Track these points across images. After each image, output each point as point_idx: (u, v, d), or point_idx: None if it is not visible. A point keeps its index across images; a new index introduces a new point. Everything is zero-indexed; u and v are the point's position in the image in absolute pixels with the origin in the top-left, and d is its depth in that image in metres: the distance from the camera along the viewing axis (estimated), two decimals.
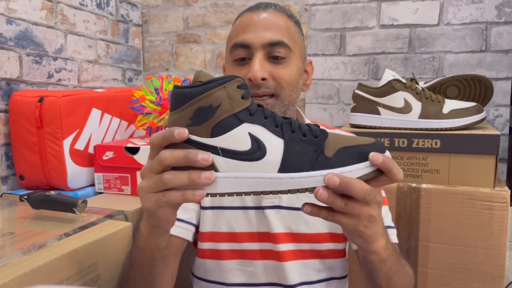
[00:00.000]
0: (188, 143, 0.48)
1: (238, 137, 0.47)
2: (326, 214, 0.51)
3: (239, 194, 0.49)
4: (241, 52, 0.77)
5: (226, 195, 0.49)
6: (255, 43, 0.76)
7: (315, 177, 0.47)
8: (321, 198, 0.47)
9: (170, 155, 0.48)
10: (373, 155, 0.48)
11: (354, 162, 0.48)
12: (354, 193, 0.48)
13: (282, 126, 0.49)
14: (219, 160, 0.48)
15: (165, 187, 0.49)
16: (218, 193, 0.48)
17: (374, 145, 0.49)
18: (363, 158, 0.48)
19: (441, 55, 1.40)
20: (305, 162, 0.48)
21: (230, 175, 0.48)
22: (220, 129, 0.48)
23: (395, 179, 0.49)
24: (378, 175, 0.49)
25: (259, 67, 0.74)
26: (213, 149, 0.48)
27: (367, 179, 0.48)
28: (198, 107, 0.48)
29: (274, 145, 0.48)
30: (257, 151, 0.47)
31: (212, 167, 0.48)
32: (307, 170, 0.48)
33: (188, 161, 0.47)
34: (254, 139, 0.48)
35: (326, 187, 0.47)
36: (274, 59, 0.77)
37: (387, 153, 0.50)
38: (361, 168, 0.48)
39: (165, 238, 0.61)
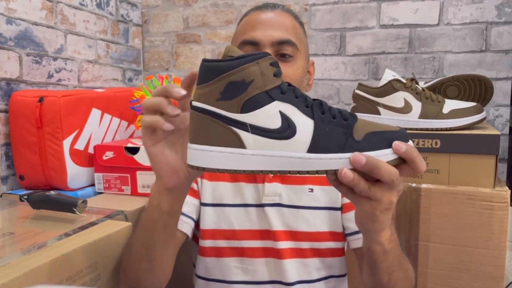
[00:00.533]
0: (216, 117, 0.48)
1: (269, 115, 0.47)
2: (346, 191, 0.51)
3: (265, 172, 0.48)
4: (249, 49, 0.78)
5: (252, 173, 0.48)
6: (264, 41, 0.77)
7: (344, 159, 0.47)
8: (345, 178, 0.47)
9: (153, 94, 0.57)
10: (396, 143, 0.48)
11: (382, 147, 0.48)
12: (381, 175, 0.47)
13: (312, 106, 0.49)
14: (247, 137, 0.47)
15: (144, 108, 0.56)
16: (244, 170, 0.48)
17: (399, 133, 0.50)
18: (389, 144, 0.48)
19: (441, 55, 1.40)
20: (335, 144, 0.48)
21: (258, 152, 0.47)
22: (251, 105, 0.47)
23: (417, 170, 0.49)
24: (401, 163, 0.49)
25: None
26: (242, 125, 0.47)
27: (392, 165, 0.49)
28: (230, 81, 0.47)
29: (304, 125, 0.48)
30: (287, 129, 0.47)
31: (239, 143, 0.47)
32: (337, 152, 0.47)
33: (165, 90, 0.55)
34: (285, 118, 0.47)
35: (352, 169, 0.47)
36: (281, 57, 0.78)
37: (410, 142, 0.50)
38: (387, 154, 0.48)
39: (166, 199, 0.61)
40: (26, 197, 0.83)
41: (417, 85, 1.06)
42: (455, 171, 0.99)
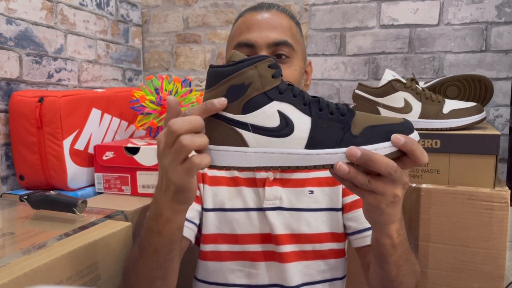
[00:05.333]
0: (220, 119, 0.51)
1: (268, 114, 0.50)
2: (349, 185, 0.51)
3: (267, 168, 0.51)
4: (245, 51, 0.77)
5: (255, 169, 0.51)
6: (260, 42, 0.76)
7: (340, 154, 0.49)
8: (340, 172, 0.47)
9: (186, 118, 0.49)
10: (395, 136, 0.49)
11: (381, 141, 0.49)
12: (377, 168, 0.47)
13: (310, 104, 0.51)
14: (249, 136, 0.50)
15: (188, 148, 0.49)
16: (248, 167, 0.51)
17: (402, 125, 0.50)
18: (389, 137, 0.49)
19: (441, 55, 1.40)
20: (332, 139, 0.49)
21: (259, 150, 0.50)
22: (250, 107, 0.50)
23: (418, 162, 0.49)
24: (402, 155, 0.49)
25: None
26: (244, 125, 0.50)
27: (391, 158, 0.49)
28: (231, 85, 0.50)
29: (302, 122, 0.50)
30: (285, 127, 0.50)
31: (242, 142, 0.50)
32: (333, 147, 0.49)
33: (208, 110, 0.50)
34: (283, 117, 0.50)
35: (350, 163, 0.48)
36: (278, 58, 0.77)
37: (415, 133, 0.51)
38: (386, 147, 0.49)
39: (183, 216, 0.61)
40: (26, 197, 0.83)
41: (417, 85, 1.05)
42: (455, 171, 0.99)
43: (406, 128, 0.50)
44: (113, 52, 1.54)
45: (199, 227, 0.83)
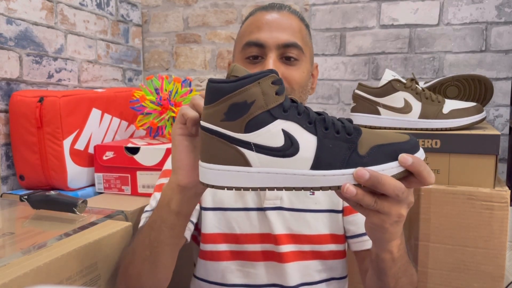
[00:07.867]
0: (222, 138, 0.49)
1: (272, 134, 0.48)
2: (354, 204, 0.50)
3: (271, 189, 0.49)
4: (254, 50, 0.77)
5: (258, 189, 0.49)
6: (269, 43, 0.76)
7: (347, 175, 0.47)
8: (347, 194, 0.47)
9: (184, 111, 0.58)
10: (402, 156, 0.47)
11: (388, 161, 0.48)
12: (385, 190, 0.47)
13: (315, 122, 0.49)
14: (252, 155, 0.48)
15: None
16: (251, 187, 0.49)
17: (408, 143, 0.49)
18: (395, 157, 0.48)
19: (441, 55, 1.40)
20: (338, 160, 0.48)
21: (262, 170, 0.48)
22: (253, 125, 0.48)
23: (425, 183, 0.48)
24: (409, 175, 0.49)
25: (273, 67, 0.74)
26: (247, 145, 0.48)
27: (398, 178, 0.48)
28: (233, 103, 0.48)
29: (307, 142, 0.48)
30: (290, 147, 0.48)
31: (245, 162, 0.48)
32: (340, 168, 0.48)
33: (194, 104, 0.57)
34: (287, 136, 0.48)
35: (357, 184, 0.47)
36: (286, 60, 0.77)
37: (421, 151, 0.50)
38: (393, 167, 0.48)
39: (177, 198, 0.60)
40: (26, 197, 0.83)
41: (417, 85, 1.05)
42: (455, 171, 0.99)
43: (412, 146, 0.49)
44: (113, 52, 1.54)
45: (198, 226, 0.83)
